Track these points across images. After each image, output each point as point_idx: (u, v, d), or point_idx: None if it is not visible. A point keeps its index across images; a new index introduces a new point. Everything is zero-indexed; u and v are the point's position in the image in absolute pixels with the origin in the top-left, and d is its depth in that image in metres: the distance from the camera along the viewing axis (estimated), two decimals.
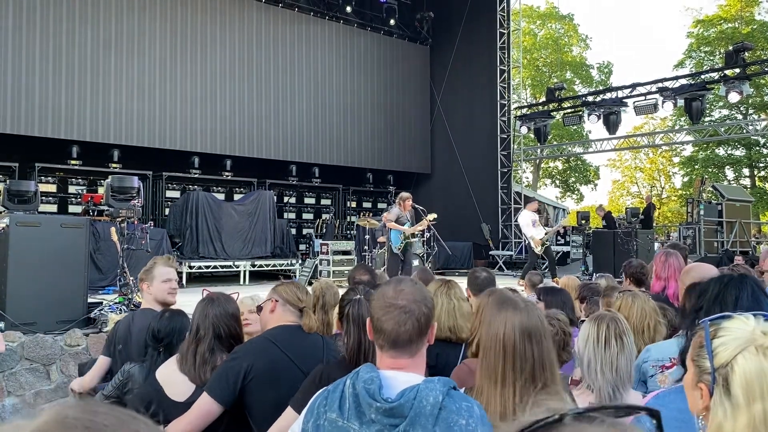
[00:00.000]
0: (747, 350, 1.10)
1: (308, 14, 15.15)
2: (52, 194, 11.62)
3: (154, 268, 3.42)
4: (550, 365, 1.69)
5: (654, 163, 35.28)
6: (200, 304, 2.69)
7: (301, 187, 15.52)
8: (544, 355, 1.68)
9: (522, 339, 1.68)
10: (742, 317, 1.17)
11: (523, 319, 1.71)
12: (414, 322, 1.51)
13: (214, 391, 2.29)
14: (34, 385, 5.45)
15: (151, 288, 3.38)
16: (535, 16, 34.03)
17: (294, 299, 2.56)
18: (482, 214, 15.72)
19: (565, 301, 3.62)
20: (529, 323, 1.71)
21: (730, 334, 1.15)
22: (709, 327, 1.18)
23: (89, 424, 0.55)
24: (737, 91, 11.64)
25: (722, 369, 1.12)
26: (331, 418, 1.44)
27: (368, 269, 4.19)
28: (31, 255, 5.64)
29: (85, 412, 0.56)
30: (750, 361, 1.09)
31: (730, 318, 1.18)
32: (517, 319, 1.71)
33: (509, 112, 15.94)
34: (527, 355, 1.66)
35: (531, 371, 1.65)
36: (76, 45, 11.56)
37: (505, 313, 1.74)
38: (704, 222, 13.40)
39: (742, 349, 1.10)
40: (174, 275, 3.48)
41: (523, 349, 1.67)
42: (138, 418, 0.59)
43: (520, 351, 1.67)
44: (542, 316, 1.79)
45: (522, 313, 1.72)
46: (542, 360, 1.67)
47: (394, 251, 8.71)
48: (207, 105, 13.24)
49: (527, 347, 1.67)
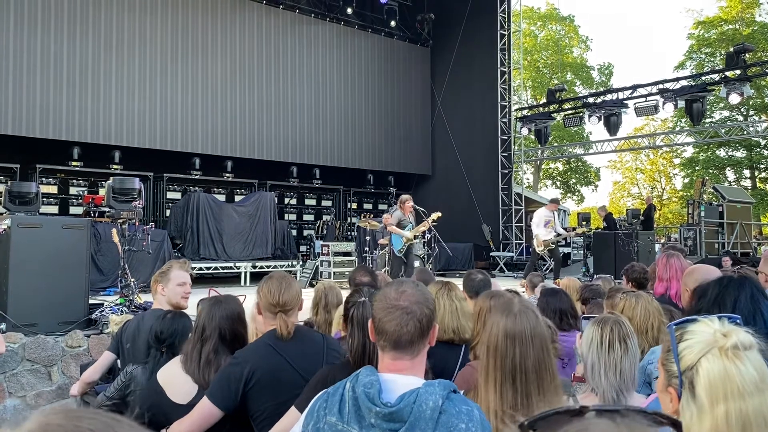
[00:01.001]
0: (710, 353, 1.11)
1: (309, 16, 15.17)
2: (53, 195, 11.63)
3: (170, 271, 3.47)
4: (535, 372, 1.71)
5: (655, 164, 35.26)
6: (206, 304, 2.68)
7: (302, 189, 15.53)
8: (527, 359, 1.71)
9: (505, 342, 1.74)
10: (707, 320, 1.18)
11: (509, 323, 1.76)
12: (416, 324, 1.51)
13: (215, 397, 2.28)
14: (36, 387, 5.46)
15: (165, 290, 3.43)
16: (536, 17, 34.03)
17: (266, 305, 2.43)
18: (483, 216, 15.72)
19: (565, 302, 3.61)
20: (515, 327, 1.75)
21: (694, 337, 1.16)
22: (675, 331, 1.19)
23: (74, 430, 0.55)
24: (738, 93, 11.64)
25: (688, 372, 1.13)
26: (330, 421, 1.45)
27: (369, 271, 4.20)
28: (32, 256, 5.65)
29: (69, 419, 0.56)
30: (713, 364, 1.10)
31: (695, 321, 1.19)
32: (503, 323, 1.76)
33: (510, 113, 15.94)
34: (508, 356, 1.72)
35: (511, 373, 1.70)
36: (78, 47, 11.58)
37: (495, 316, 1.80)
38: (705, 223, 13.39)
39: (706, 352, 1.12)
40: (188, 280, 3.52)
41: (504, 351, 1.73)
42: (122, 421, 0.59)
43: (502, 353, 1.73)
44: (535, 321, 1.79)
45: (509, 317, 1.77)
46: (524, 365, 1.70)
47: (397, 254, 8.71)
48: (208, 106, 13.25)
49: (509, 350, 1.73)
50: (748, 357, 1.10)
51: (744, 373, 1.08)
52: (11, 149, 11.22)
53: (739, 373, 1.08)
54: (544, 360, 1.75)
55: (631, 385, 1.97)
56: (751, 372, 1.08)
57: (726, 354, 1.10)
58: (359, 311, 2.19)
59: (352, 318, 2.20)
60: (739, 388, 1.07)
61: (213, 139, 13.32)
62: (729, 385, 1.07)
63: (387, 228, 8.96)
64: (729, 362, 1.09)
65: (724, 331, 1.13)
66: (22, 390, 5.38)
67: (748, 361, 1.09)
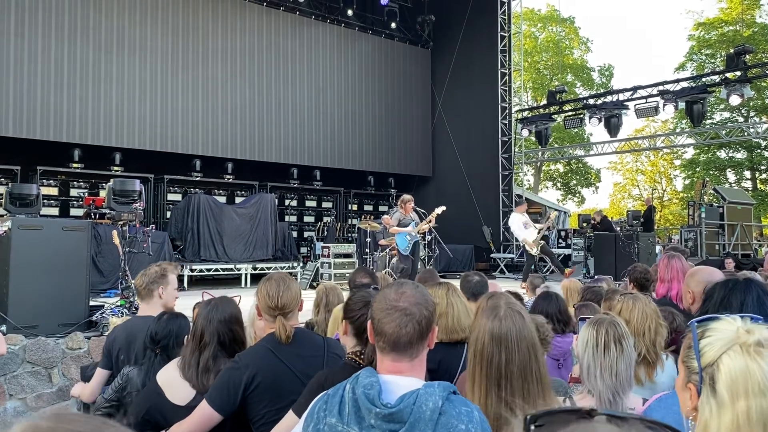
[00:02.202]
0: (732, 349, 1.12)
1: (310, 18, 15.19)
2: (53, 197, 11.65)
3: (168, 275, 3.48)
4: (520, 375, 1.70)
5: (655, 165, 35.27)
6: (203, 308, 2.66)
7: (303, 190, 15.53)
8: (513, 364, 1.70)
9: (491, 345, 1.73)
10: (728, 318, 1.18)
11: (495, 325, 1.75)
12: (415, 325, 1.51)
13: (214, 401, 2.27)
14: (36, 389, 5.45)
15: (164, 293, 3.44)
16: (536, 19, 34.05)
17: (265, 308, 2.40)
18: (483, 217, 15.72)
19: (555, 305, 3.67)
20: (500, 331, 1.74)
21: (716, 334, 1.16)
22: (696, 328, 1.20)
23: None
24: (738, 94, 11.63)
25: (709, 368, 1.13)
26: (330, 423, 1.44)
27: (369, 272, 4.19)
28: (33, 258, 5.65)
29: (60, 422, 0.57)
30: (735, 360, 1.10)
31: (717, 319, 1.19)
32: (489, 326, 1.75)
33: (510, 114, 15.95)
34: (493, 360, 1.71)
35: (496, 378, 1.70)
36: (78, 48, 11.60)
37: (483, 318, 1.79)
38: (705, 225, 13.39)
39: (728, 348, 1.12)
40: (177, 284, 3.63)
41: (490, 354, 1.72)
42: (110, 424, 0.60)
43: (488, 356, 1.72)
44: (522, 323, 1.77)
45: (496, 320, 1.76)
46: (509, 369, 1.70)
47: (404, 254, 8.68)
48: (208, 108, 13.27)
49: (494, 353, 1.72)
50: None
51: (766, 371, 1.08)
52: (12, 151, 11.23)
53: (761, 370, 1.08)
54: (529, 363, 1.73)
55: (627, 386, 1.96)
56: None
57: (748, 351, 1.10)
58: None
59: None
60: (761, 385, 1.07)
61: (213, 141, 13.34)
62: (750, 381, 1.08)
63: (389, 229, 8.94)
64: (751, 359, 1.09)
65: (747, 328, 1.14)
66: (22, 392, 5.38)
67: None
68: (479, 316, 1.81)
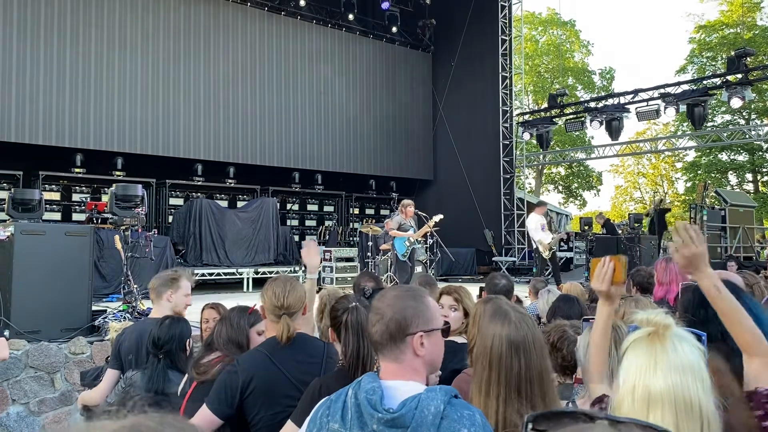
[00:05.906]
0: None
1: (311, 22, 15.22)
2: (56, 202, 11.67)
3: (180, 279, 3.49)
4: (539, 379, 1.69)
5: (656, 168, 35.25)
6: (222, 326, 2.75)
7: (304, 194, 15.54)
8: (532, 369, 1.69)
9: (509, 352, 1.69)
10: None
11: (511, 331, 1.72)
12: (382, 326, 1.52)
13: (212, 405, 2.30)
14: (39, 393, 5.46)
15: (173, 297, 3.43)
16: (537, 22, 34.09)
17: (271, 307, 2.44)
18: (485, 221, 15.72)
19: (576, 310, 3.63)
20: (517, 336, 1.71)
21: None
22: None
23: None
24: (739, 97, 11.64)
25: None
26: (333, 428, 1.45)
27: (373, 276, 4.18)
28: (35, 263, 5.66)
29: (160, 424, 0.62)
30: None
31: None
32: (505, 332, 1.72)
33: (511, 118, 15.96)
34: (513, 368, 1.68)
35: (517, 385, 1.67)
36: (80, 53, 11.63)
37: (495, 324, 1.75)
38: (707, 227, 13.36)
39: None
40: (190, 291, 3.60)
41: (509, 362, 1.68)
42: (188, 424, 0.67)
43: (506, 364, 1.68)
44: (534, 327, 1.78)
45: (510, 325, 1.73)
46: (529, 374, 1.68)
47: (401, 259, 8.66)
48: (210, 113, 13.29)
49: (513, 360, 1.68)
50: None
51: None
52: (14, 156, 11.25)
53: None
54: (546, 366, 1.74)
55: None
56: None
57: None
58: (352, 316, 2.16)
59: (345, 323, 2.16)
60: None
61: (215, 145, 13.36)
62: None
63: (389, 233, 8.93)
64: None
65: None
66: (25, 397, 5.39)
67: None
68: (486, 322, 1.78)
